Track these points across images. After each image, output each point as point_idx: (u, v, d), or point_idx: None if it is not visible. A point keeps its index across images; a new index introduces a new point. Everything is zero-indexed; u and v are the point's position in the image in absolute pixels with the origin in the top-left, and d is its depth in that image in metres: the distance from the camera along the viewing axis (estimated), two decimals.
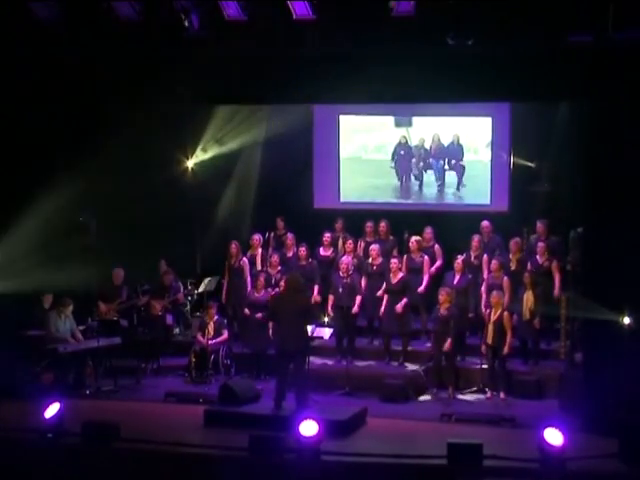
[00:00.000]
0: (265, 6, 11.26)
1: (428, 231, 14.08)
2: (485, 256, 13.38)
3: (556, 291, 12.87)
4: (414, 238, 13.79)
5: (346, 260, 13.41)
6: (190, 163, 16.18)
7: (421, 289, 13.45)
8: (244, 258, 14.19)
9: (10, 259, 13.13)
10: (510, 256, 13.35)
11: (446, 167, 15.57)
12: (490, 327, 12.05)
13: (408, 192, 15.85)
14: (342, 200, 16.10)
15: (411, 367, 12.92)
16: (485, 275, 13.13)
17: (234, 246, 14.20)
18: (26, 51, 11.88)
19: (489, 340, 12.04)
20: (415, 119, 15.65)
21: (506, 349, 12.01)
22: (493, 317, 12.08)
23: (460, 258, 13.21)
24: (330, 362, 13.25)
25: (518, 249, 13.39)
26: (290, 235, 14.45)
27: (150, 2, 11.38)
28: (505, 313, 12.10)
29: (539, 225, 13.64)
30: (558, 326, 12.65)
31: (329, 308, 13.26)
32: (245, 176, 16.10)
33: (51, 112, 13.10)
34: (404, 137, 15.65)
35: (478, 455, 9.17)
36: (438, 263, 13.87)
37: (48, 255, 13.57)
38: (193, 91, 12.27)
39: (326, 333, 12.05)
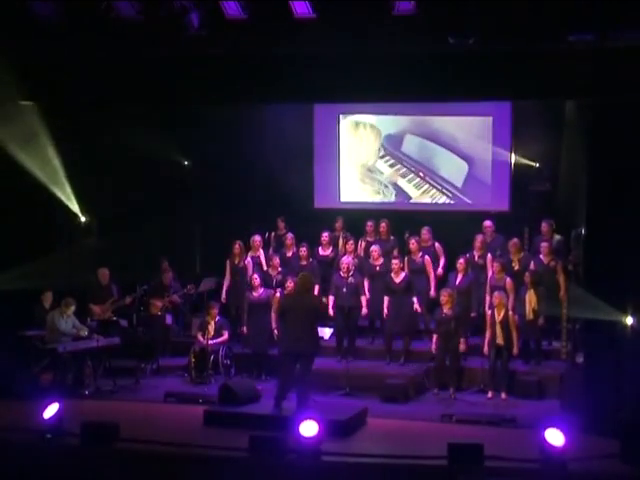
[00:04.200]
0: (265, 5, 11.23)
1: (425, 231, 14.07)
2: (489, 256, 13.36)
3: (562, 292, 12.81)
4: (413, 239, 13.77)
5: (346, 260, 13.37)
6: (190, 163, 16.17)
7: (432, 293, 13.41)
8: (248, 258, 14.15)
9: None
10: (510, 256, 13.32)
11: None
12: (498, 328, 12.02)
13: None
14: (342, 200, 16.08)
15: (412, 367, 12.90)
16: (489, 275, 13.10)
17: (237, 246, 14.17)
18: (25, 50, 11.84)
19: (499, 340, 12.01)
20: (416, 118, 15.63)
21: (515, 349, 12.00)
22: (499, 317, 12.05)
23: (462, 258, 13.18)
24: (331, 362, 13.22)
25: (517, 250, 13.35)
26: (290, 235, 14.42)
27: (150, 1, 11.34)
28: (510, 313, 12.09)
29: (544, 225, 13.59)
30: (559, 326, 12.64)
31: (330, 309, 13.22)
32: (244, 176, 16.07)
33: (50, 111, 13.09)
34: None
35: (479, 456, 9.15)
36: (442, 261, 13.86)
37: (49, 255, 13.61)
38: (192, 90, 12.23)
39: (326, 333, 12.02)
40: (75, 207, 14.40)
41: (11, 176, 13.24)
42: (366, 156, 15.99)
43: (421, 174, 15.69)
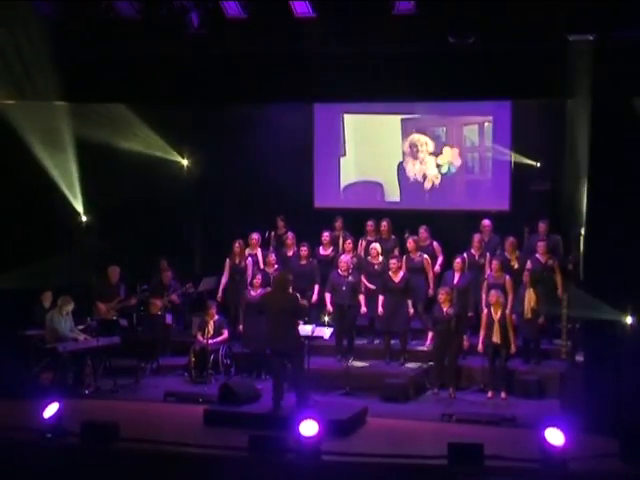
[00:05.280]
0: (265, 5, 11.24)
1: (422, 230, 14.07)
2: (488, 255, 13.37)
3: (559, 290, 12.83)
4: (411, 238, 13.78)
5: (345, 259, 13.37)
6: (189, 163, 16.17)
7: (431, 292, 13.41)
8: (249, 258, 14.15)
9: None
10: (507, 255, 13.33)
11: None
12: (496, 326, 12.03)
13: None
14: (342, 199, 16.09)
15: (412, 366, 12.91)
16: (487, 273, 13.10)
17: (237, 245, 14.17)
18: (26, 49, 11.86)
19: (496, 339, 12.02)
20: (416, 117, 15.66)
21: (513, 348, 12.02)
22: (496, 316, 12.05)
23: (459, 257, 13.19)
24: (330, 362, 13.22)
25: (514, 249, 13.36)
26: (290, 234, 14.42)
27: (150, 1, 11.35)
28: (507, 312, 12.10)
29: (541, 225, 13.64)
30: (559, 325, 12.65)
31: (328, 305, 13.21)
32: (244, 176, 16.07)
33: (49, 111, 13.10)
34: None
35: (479, 455, 9.15)
36: (440, 260, 13.87)
37: (50, 254, 13.61)
38: (192, 90, 12.24)
39: (326, 333, 12.02)
40: (79, 207, 14.41)
41: (12, 176, 13.27)
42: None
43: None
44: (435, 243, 14.01)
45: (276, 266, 13.77)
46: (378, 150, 15.88)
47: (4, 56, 11.85)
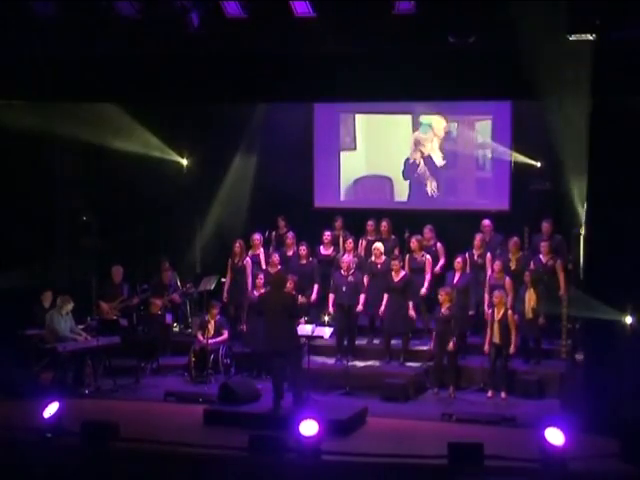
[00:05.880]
0: (265, 5, 11.24)
1: (428, 230, 14.05)
2: (489, 255, 13.37)
3: (562, 290, 12.83)
4: (415, 237, 13.77)
5: (347, 259, 13.38)
6: (189, 162, 16.17)
7: (423, 291, 13.41)
8: (247, 257, 14.16)
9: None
10: (510, 256, 13.33)
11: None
12: (496, 326, 12.04)
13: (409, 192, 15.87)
14: (342, 199, 16.09)
15: (412, 366, 12.90)
16: (488, 274, 13.10)
17: (238, 245, 14.18)
18: (25, 49, 11.85)
19: (496, 339, 12.02)
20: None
21: (512, 348, 12.02)
22: (497, 316, 12.06)
23: (460, 257, 13.19)
24: (330, 362, 13.22)
25: (517, 249, 13.36)
26: (290, 234, 14.42)
27: (150, 1, 11.35)
28: (509, 312, 12.11)
29: (545, 225, 13.61)
30: (559, 325, 12.65)
31: (330, 307, 13.21)
32: (244, 175, 16.07)
33: (49, 111, 13.10)
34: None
35: (479, 455, 9.15)
36: (442, 262, 13.85)
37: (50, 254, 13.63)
38: (193, 90, 12.24)
39: (326, 332, 12.02)
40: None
41: (12, 176, 13.28)
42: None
43: None
44: (439, 244, 13.98)
45: (279, 267, 13.77)
46: (389, 146, 15.85)
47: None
